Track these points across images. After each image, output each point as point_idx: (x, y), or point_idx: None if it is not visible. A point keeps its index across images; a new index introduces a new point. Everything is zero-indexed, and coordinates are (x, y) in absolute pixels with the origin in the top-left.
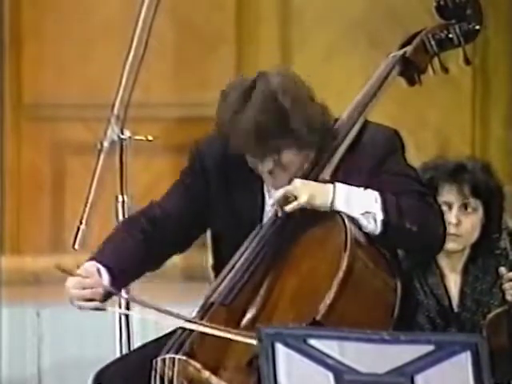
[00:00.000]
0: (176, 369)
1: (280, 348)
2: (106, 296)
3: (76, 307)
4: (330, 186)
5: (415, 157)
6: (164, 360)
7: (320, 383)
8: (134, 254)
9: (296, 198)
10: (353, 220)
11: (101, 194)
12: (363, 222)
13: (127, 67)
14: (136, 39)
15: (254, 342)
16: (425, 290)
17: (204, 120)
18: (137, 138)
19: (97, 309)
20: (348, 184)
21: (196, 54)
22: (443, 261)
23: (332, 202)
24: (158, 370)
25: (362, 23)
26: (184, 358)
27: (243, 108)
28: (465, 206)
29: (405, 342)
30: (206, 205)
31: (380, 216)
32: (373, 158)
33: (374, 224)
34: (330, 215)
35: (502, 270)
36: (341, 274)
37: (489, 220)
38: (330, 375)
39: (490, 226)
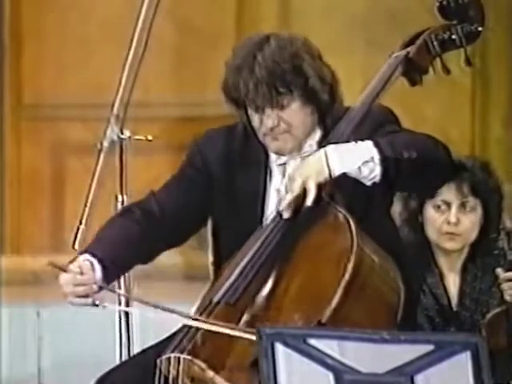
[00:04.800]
0: (181, 368)
1: (280, 348)
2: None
3: (69, 304)
4: (322, 156)
5: None
6: (169, 359)
7: (320, 383)
8: (126, 246)
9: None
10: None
11: (101, 194)
12: (364, 172)
13: (127, 67)
14: (136, 39)
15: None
16: (424, 290)
17: (204, 120)
18: (136, 137)
19: (92, 305)
20: None
21: (196, 54)
22: (442, 260)
23: (330, 172)
24: (163, 369)
25: (361, 23)
26: (189, 357)
27: (256, 56)
28: (464, 205)
29: (405, 342)
30: (208, 197)
31: (376, 156)
32: (371, 125)
33: (374, 168)
34: (336, 216)
35: (499, 271)
36: (347, 277)
37: (488, 219)
38: (330, 375)
39: (488, 225)
